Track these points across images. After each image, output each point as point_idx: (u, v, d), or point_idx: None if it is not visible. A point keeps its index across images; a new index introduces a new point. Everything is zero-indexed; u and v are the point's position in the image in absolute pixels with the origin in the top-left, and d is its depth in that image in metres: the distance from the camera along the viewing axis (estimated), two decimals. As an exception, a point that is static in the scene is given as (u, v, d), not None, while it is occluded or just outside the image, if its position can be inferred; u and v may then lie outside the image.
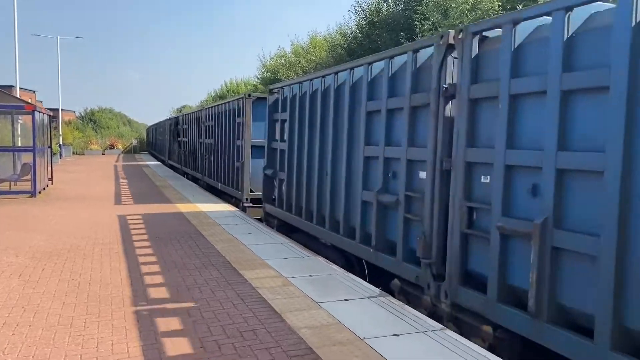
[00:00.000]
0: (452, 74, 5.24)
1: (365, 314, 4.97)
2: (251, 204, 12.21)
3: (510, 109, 4.42)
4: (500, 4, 14.57)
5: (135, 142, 55.74)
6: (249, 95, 12.35)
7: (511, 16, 4.52)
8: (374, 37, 21.67)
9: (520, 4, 13.53)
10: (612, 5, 3.82)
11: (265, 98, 11.48)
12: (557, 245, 3.94)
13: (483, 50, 4.92)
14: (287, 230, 9.58)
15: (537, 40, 4.30)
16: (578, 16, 3.97)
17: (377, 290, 5.79)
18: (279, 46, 47.87)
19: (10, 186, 15.27)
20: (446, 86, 5.21)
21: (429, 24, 17.16)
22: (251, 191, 12.31)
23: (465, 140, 4.94)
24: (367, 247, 6.60)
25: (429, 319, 4.92)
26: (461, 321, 5.04)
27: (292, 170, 9.14)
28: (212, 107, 16.97)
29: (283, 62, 33.89)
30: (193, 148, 20.63)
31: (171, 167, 27.36)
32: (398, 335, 4.46)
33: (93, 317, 4.83)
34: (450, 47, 5.21)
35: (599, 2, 3.87)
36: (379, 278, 6.60)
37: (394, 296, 5.93)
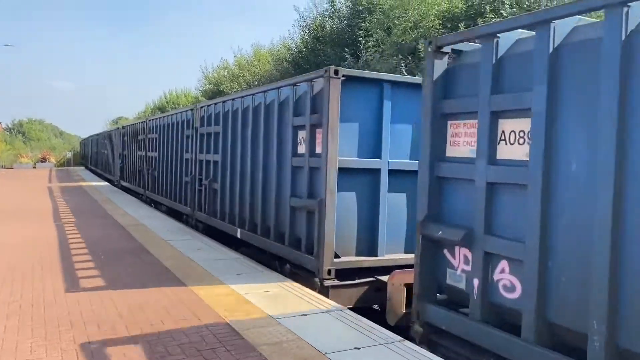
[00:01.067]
0: None
1: (324, 328, 4.97)
2: (336, 281, 6.52)
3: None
4: (440, 22, 15.13)
5: (69, 154, 53.52)
6: (336, 73, 6.41)
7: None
8: (318, 52, 21.93)
9: (461, 22, 14.10)
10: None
11: (366, 79, 6.84)
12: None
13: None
14: None
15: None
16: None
17: (334, 304, 5.81)
18: (222, 58, 47.43)
19: None
20: None
21: (373, 41, 17.57)
22: (337, 256, 6.62)
23: None
24: None
25: (388, 331, 4.99)
26: None
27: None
28: (220, 102, 10.43)
29: (226, 74, 33.64)
30: (171, 168, 13.88)
31: (125, 189, 21.37)
32: (359, 348, 4.48)
33: (39, 340, 4.57)
34: None
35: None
36: None
37: None
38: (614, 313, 3.38)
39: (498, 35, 4.31)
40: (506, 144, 4.26)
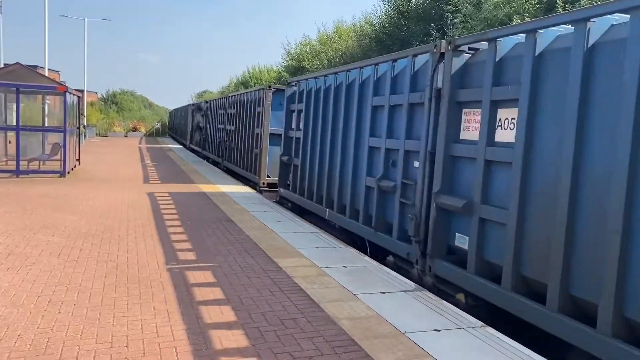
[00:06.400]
0: None
1: (403, 308, 4.96)
2: None
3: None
4: (536, -3, 14.31)
5: (157, 125, 56.24)
6: None
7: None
8: (402, 27, 21.45)
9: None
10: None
11: None
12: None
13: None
14: None
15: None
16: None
17: (412, 284, 5.78)
18: (304, 34, 47.64)
19: (39, 165, 15.52)
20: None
21: (461, 16, 16.94)
22: None
23: None
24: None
25: (469, 315, 4.90)
26: None
27: None
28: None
29: (308, 50, 33.75)
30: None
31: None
32: (439, 330, 4.45)
33: (134, 299, 4.89)
34: None
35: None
36: None
37: None
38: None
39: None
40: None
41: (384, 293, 5.38)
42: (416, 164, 6.37)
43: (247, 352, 3.86)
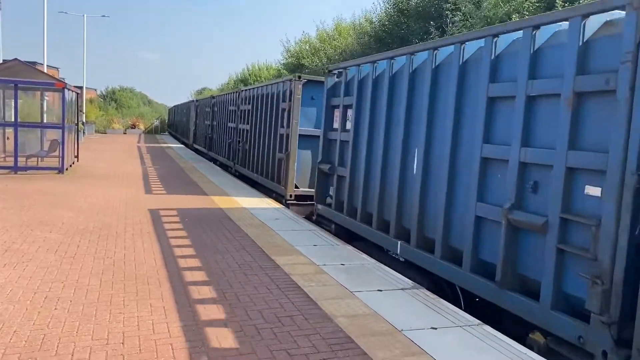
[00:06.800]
0: None
1: (400, 306, 4.95)
2: None
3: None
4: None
5: (156, 122, 56.28)
6: None
7: None
8: (402, 25, 21.42)
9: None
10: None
11: None
12: None
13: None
14: None
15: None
16: None
17: (410, 282, 5.77)
18: (304, 31, 47.55)
19: (37, 162, 15.50)
20: None
21: (460, 14, 16.92)
22: None
23: None
24: None
25: (466, 313, 4.89)
26: None
27: None
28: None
29: (307, 47, 33.71)
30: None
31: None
32: (436, 328, 4.44)
33: (131, 296, 4.88)
34: None
35: None
36: None
37: None
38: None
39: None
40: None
41: (381, 291, 5.37)
42: (593, 190, 4.10)
43: (244, 350, 3.85)
